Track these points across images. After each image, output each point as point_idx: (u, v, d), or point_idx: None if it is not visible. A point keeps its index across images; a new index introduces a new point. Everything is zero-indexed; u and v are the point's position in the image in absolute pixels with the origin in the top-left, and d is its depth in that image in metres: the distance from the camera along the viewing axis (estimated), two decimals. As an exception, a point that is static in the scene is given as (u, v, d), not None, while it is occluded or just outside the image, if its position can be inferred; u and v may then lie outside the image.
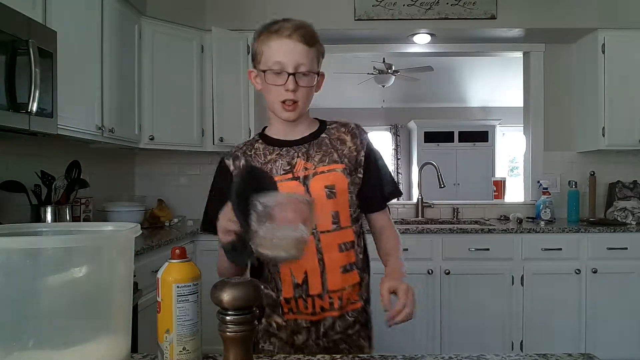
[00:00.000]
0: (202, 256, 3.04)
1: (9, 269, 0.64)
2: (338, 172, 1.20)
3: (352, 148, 1.25)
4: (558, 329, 3.01)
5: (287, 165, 1.20)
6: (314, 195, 1.17)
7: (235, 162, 1.26)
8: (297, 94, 1.16)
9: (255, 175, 1.03)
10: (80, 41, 2.35)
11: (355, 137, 1.26)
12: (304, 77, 1.16)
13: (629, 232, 3.06)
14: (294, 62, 1.14)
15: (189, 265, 0.79)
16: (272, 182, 1.07)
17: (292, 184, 1.18)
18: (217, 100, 3.19)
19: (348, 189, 1.20)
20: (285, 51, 1.14)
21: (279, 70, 1.14)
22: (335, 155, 1.22)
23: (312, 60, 1.17)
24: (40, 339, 0.65)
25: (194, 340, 0.77)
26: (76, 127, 2.28)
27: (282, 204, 0.92)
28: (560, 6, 3.37)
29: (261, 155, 1.24)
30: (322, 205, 1.16)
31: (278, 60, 1.14)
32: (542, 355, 0.85)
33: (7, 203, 2.25)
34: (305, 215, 0.93)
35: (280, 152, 1.22)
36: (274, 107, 1.20)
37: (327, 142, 1.24)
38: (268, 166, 1.21)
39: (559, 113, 3.75)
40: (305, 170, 1.19)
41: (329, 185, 1.18)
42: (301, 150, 1.22)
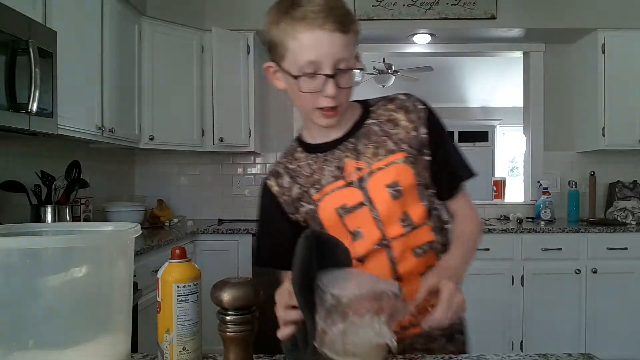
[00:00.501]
0: (202, 256, 3.04)
1: (9, 269, 0.64)
2: (399, 164, 0.98)
3: (410, 127, 1.00)
4: (558, 329, 3.01)
5: (336, 171, 1.00)
6: (377, 199, 0.97)
7: (278, 181, 1.07)
8: (338, 97, 0.92)
9: (323, 245, 0.80)
10: (80, 41, 2.35)
11: (409, 111, 1.01)
12: (345, 74, 0.91)
13: (629, 232, 3.06)
14: (332, 60, 0.89)
15: (189, 265, 0.78)
16: (347, 254, 0.85)
17: (347, 192, 0.99)
18: (217, 100, 3.19)
19: (416, 180, 0.99)
20: (320, 46, 0.88)
21: (312, 72, 0.90)
22: (390, 143, 0.99)
23: (352, 50, 0.92)
24: (40, 339, 0.65)
25: (194, 340, 0.77)
26: (76, 127, 2.28)
27: (361, 298, 0.70)
28: (560, 6, 3.37)
29: (305, 167, 1.04)
30: (389, 211, 0.97)
31: (311, 59, 0.89)
32: (542, 355, 0.85)
33: (7, 203, 2.25)
34: (392, 311, 0.71)
35: (325, 157, 1.02)
36: (308, 114, 0.98)
37: (375, 130, 1.01)
38: (314, 177, 1.02)
39: (559, 113, 3.75)
40: (359, 171, 0.99)
41: (392, 183, 0.97)
42: (348, 148, 1.00)
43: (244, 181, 3.80)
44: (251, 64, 3.37)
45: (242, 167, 3.81)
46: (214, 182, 3.79)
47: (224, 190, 3.79)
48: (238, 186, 3.79)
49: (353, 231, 0.99)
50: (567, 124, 3.73)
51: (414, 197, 0.99)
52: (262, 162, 3.82)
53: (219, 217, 3.72)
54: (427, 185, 1.02)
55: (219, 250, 3.07)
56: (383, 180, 0.97)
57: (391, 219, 0.98)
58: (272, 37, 0.93)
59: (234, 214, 3.74)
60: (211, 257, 3.03)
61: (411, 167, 0.99)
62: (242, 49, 3.35)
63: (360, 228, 0.99)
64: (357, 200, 0.98)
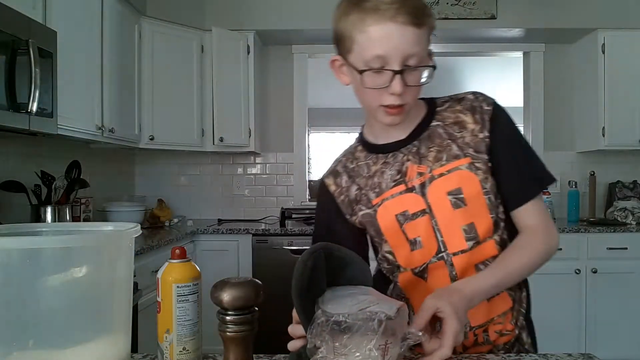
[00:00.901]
0: (202, 256, 3.04)
1: (9, 269, 0.64)
2: (463, 170, 0.91)
3: (476, 129, 0.93)
4: (558, 329, 3.01)
5: (397, 175, 0.95)
6: (436, 207, 0.91)
7: (336, 180, 1.03)
8: (405, 95, 0.86)
9: (336, 261, 0.78)
10: (80, 41, 2.35)
11: (477, 111, 0.94)
12: (414, 72, 0.86)
13: (629, 232, 3.06)
14: (401, 55, 0.83)
15: (189, 265, 0.78)
16: (364, 272, 0.80)
17: (409, 198, 0.93)
18: (217, 100, 3.19)
19: (482, 188, 0.91)
20: (389, 40, 0.83)
21: (379, 67, 0.85)
22: (455, 148, 0.92)
23: (425, 46, 0.87)
24: (40, 339, 0.65)
25: (194, 340, 0.77)
26: (76, 127, 2.28)
27: (349, 317, 0.67)
28: (560, 6, 3.37)
29: (364, 167, 0.99)
30: (450, 221, 0.91)
31: (379, 53, 0.83)
32: (542, 355, 0.85)
33: (7, 203, 2.25)
34: (387, 333, 0.68)
35: (386, 159, 0.97)
36: (371, 111, 0.93)
37: (440, 132, 0.95)
38: (374, 180, 0.97)
39: (559, 113, 3.75)
40: (420, 177, 0.92)
41: (453, 191, 0.91)
42: (411, 151, 0.95)
43: (244, 181, 3.80)
44: (251, 64, 3.37)
45: (242, 167, 3.81)
46: (214, 182, 3.79)
47: (224, 190, 3.79)
48: (238, 186, 3.79)
49: (412, 240, 0.94)
50: (567, 124, 3.73)
51: (481, 207, 0.91)
52: (262, 162, 3.82)
53: (219, 217, 3.72)
54: (496, 194, 0.93)
55: (219, 250, 3.07)
56: (444, 187, 0.91)
57: (452, 230, 0.91)
58: (340, 29, 0.88)
59: (234, 214, 3.74)
60: (211, 257, 3.04)
61: (477, 175, 0.91)
62: (242, 49, 3.35)
63: (420, 236, 0.93)
64: (418, 208, 0.92)
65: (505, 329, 0.95)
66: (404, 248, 0.95)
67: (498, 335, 0.95)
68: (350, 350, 0.67)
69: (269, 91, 3.80)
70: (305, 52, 3.78)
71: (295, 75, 3.80)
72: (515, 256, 0.91)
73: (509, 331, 0.96)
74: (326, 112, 7.52)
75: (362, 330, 0.67)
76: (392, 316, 0.68)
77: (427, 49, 0.88)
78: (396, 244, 0.96)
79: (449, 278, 0.92)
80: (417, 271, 0.95)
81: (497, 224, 0.93)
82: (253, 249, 3.07)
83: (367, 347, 0.67)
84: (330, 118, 7.61)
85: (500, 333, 0.95)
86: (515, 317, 0.97)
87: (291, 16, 3.38)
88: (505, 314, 0.95)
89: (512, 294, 0.96)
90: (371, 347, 0.67)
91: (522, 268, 0.91)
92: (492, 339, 0.95)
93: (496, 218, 0.93)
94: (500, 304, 0.94)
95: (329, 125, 7.85)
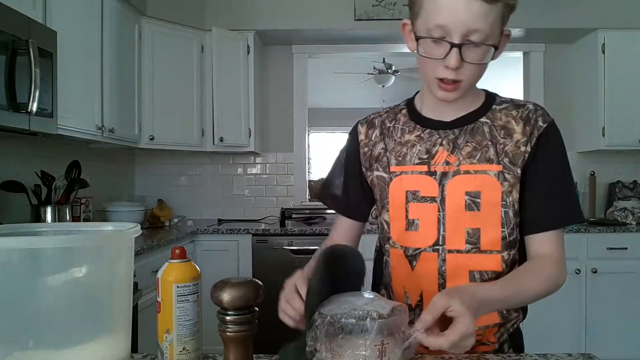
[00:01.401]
0: (202, 256, 3.04)
1: (9, 269, 0.64)
2: (490, 176, 0.89)
3: (521, 141, 0.89)
4: (558, 329, 3.01)
5: (425, 154, 0.93)
6: (449, 200, 0.90)
7: (368, 131, 1.02)
8: (461, 72, 0.84)
9: (340, 259, 0.79)
10: (80, 41, 2.35)
11: (529, 124, 0.90)
12: (475, 48, 0.82)
13: (629, 232, 3.06)
14: (463, 28, 0.80)
15: (189, 265, 0.78)
16: (359, 262, 0.81)
17: (426, 181, 0.92)
18: (217, 100, 3.19)
19: (502, 200, 0.89)
20: (454, 11, 0.80)
21: (439, 37, 0.82)
22: (492, 152, 0.90)
23: (493, 24, 0.81)
24: (40, 339, 0.65)
25: (194, 340, 0.77)
26: (76, 127, 2.28)
27: (342, 318, 0.68)
28: (560, 6, 3.37)
29: (398, 132, 0.98)
30: (457, 218, 0.90)
31: (441, 23, 0.81)
32: (542, 355, 0.85)
33: (7, 203, 2.25)
34: (383, 334, 0.68)
35: (422, 133, 0.95)
36: (427, 82, 0.90)
37: (484, 130, 0.91)
38: (403, 150, 0.95)
39: (559, 113, 3.70)
40: (446, 165, 0.91)
41: (472, 193, 0.89)
42: (448, 137, 0.92)
43: (244, 181, 3.80)
44: (251, 64, 3.37)
45: (242, 167, 3.81)
46: (214, 182, 3.79)
47: (224, 190, 3.79)
48: (238, 186, 3.79)
49: (410, 220, 0.94)
50: (567, 124, 3.73)
51: (494, 218, 0.89)
52: (262, 162, 3.82)
53: (219, 217, 3.72)
54: (515, 212, 0.90)
55: (219, 250, 3.07)
56: (465, 185, 0.89)
57: (456, 228, 0.90)
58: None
59: (234, 214, 3.74)
60: (211, 257, 3.03)
61: (502, 185, 0.89)
62: (242, 49, 3.35)
63: (419, 220, 0.93)
64: (431, 194, 0.91)
65: (488, 340, 0.94)
66: (400, 224, 0.96)
67: (477, 344, 0.92)
68: (346, 351, 0.68)
69: (269, 91, 3.80)
70: (305, 52, 3.78)
71: (295, 75, 3.80)
72: (528, 279, 0.88)
73: (491, 343, 0.94)
74: (326, 112, 7.53)
75: (356, 330, 0.67)
76: (385, 315, 0.68)
77: (498, 27, 0.83)
78: (395, 216, 0.97)
79: (437, 272, 0.91)
80: (409, 254, 0.95)
81: (508, 241, 0.90)
82: (253, 249, 3.07)
83: (362, 347, 0.67)
84: (330, 118, 7.62)
85: (480, 342, 0.93)
86: (501, 333, 0.95)
87: (291, 16, 3.38)
88: (488, 327, 0.93)
89: (505, 313, 0.94)
90: (366, 347, 0.67)
91: (532, 292, 0.88)
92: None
93: (507, 235, 0.90)
94: (485, 318, 0.88)
95: (329, 125, 7.86)
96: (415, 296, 0.94)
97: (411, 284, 0.94)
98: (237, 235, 3.08)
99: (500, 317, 0.93)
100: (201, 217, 3.71)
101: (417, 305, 0.93)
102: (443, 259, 0.91)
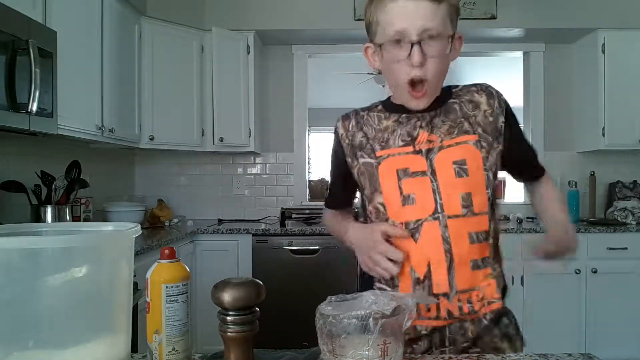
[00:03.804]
0: (202, 256, 3.04)
1: (9, 269, 0.64)
2: (470, 145, 0.99)
3: (488, 112, 1.01)
4: (558, 329, 3.01)
5: (407, 137, 1.01)
6: (440, 172, 0.97)
7: (344, 123, 1.10)
8: (426, 68, 0.93)
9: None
10: (80, 41, 2.35)
11: (492, 97, 1.03)
12: (433, 42, 0.92)
13: (629, 232, 3.06)
14: (418, 27, 0.91)
15: (178, 266, 0.78)
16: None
17: (413, 158, 0.99)
18: (217, 100, 3.19)
19: (483, 165, 0.99)
20: (406, 14, 0.91)
21: (399, 39, 0.93)
22: (466, 125, 1.00)
23: (443, 20, 0.93)
24: (40, 339, 0.65)
25: (183, 340, 0.77)
26: (76, 127, 2.28)
27: (344, 318, 0.69)
28: (560, 6, 3.37)
29: (375, 119, 1.05)
30: (451, 186, 0.97)
31: (397, 29, 0.92)
32: (542, 355, 0.85)
33: (7, 203, 2.25)
34: (386, 331, 0.69)
35: (399, 119, 1.03)
36: (399, 92, 1.00)
37: (455, 108, 1.02)
38: (384, 136, 1.03)
39: (559, 113, 3.74)
40: (429, 144, 0.99)
41: (459, 161, 0.97)
42: (425, 119, 1.01)
43: (244, 181, 3.80)
44: (251, 64, 3.37)
45: (242, 167, 3.81)
46: (214, 182, 3.79)
47: (224, 190, 3.79)
48: (238, 186, 3.79)
49: (405, 195, 0.99)
50: (567, 124, 3.73)
51: (480, 181, 0.98)
52: (262, 162, 3.82)
53: (219, 217, 3.72)
54: (494, 174, 1.01)
55: (219, 250, 3.07)
56: (451, 156, 0.98)
57: (451, 195, 0.97)
58: (367, 17, 0.99)
59: (234, 214, 3.74)
60: (211, 257, 3.03)
61: (481, 152, 0.99)
62: (242, 49, 3.35)
63: (415, 194, 0.98)
64: (420, 169, 0.98)
65: (492, 297, 0.99)
66: (396, 201, 1.00)
67: (484, 304, 0.98)
68: (348, 351, 0.68)
69: (269, 91, 3.80)
70: (305, 52, 3.78)
71: (295, 75, 3.80)
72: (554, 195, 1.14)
73: (496, 299, 1.00)
74: (326, 112, 7.51)
75: (359, 330, 0.67)
76: (388, 315, 0.68)
77: (449, 26, 0.95)
78: (390, 195, 1.00)
79: (441, 238, 0.96)
80: (410, 227, 0.98)
81: (491, 201, 1.00)
82: (253, 249, 3.07)
83: (364, 347, 0.67)
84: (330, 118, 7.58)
85: (488, 302, 0.98)
86: (497, 284, 1.01)
87: (291, 16, 3.38)
88: (487, 278, 0.99)
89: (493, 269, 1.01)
90: (369, 346, 0.67)
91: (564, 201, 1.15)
92: (476, 309, 0.98)
93: (490, 196, 1.00)
94: (482, 276, 0.98)
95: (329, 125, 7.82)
96: (423, 268, 0.97)
97: (417, 255, 0.97)
98: (237, 235, 3.08)
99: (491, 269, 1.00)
100: (201, 217, 3.71)
101: (426, 277, 0.96)
102: (445, 225, 0.96)
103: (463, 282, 0.96)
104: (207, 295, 0.74)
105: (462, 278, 0.96)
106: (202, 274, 2.94)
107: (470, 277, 0.96)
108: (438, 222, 0.96)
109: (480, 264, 0.97)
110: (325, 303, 0.75)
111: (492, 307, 0.99)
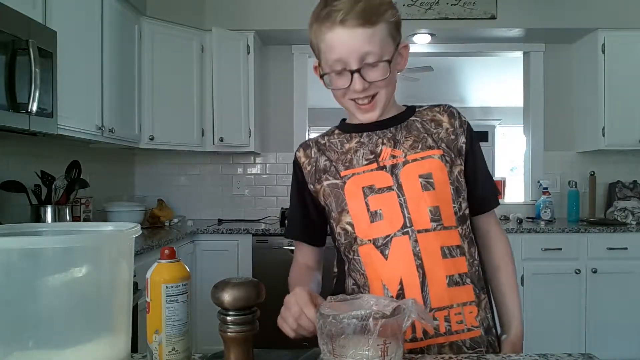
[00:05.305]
0: (202, 256, 3.04)
1: (9, 269, 0.64)
2: (434, 159, 0.98)
3: (450, 130, 1.02)
4: (558, 329, 3.01)
5: (370, 155, 0.99)
6: (406, 186, 0.95)
7: (306, 152, 1.08)
8: (371, 89, 0.94)
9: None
10: (80, 41, 2.35)
11: (454, 117, 1.04)
12: (374, 68, 0.92)
13: (629, 232, 3.06)
14: (356, 55, 0.90)
15: (179, 266, 0.78)
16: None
17: (378, 175, 0.97)
18: (217, 100, 3.19)
19: (449, 178, 0.98)
20: (342, 44, 0.90)
21: (340, 69, 0.92)
22: (430, 140, 1.00)
23: (382, 42, 0.91)
24: (40, 339, 0.65)
25: (183, 340, 0.77)
26: (76, 127, 2.28)
27: (343, 318, 0.69)
28: (560, 6, 3.37)
29: (337, 144, 1.04)
30: (418, 200, 0.95)
31: (336, 58, 0.91)
32: (542, 355, 0.85)
33: (7, 203, 2.25)
34: (385, 333, 0.69)
35: (361, 139, 1.01)
36: (348, 109, 1.01)
37: (417, 126, 1.02)
38: (347, 157, 1.01)
39: (559, 113, 3.75)
40: (393, 159, 0.98)
41: (424, 175, 0.96)
42: (386, 136, 1.00)
43: (244, 181, 3.80)
44: (251, 64, 3.37)
45: (242, 167, 3.81)
46: (214, 182, 3.79)
47: (224, 190, 3.79)
48: (238, 186, 3.79)
49: (373, 212, 0.96)
50: (567, 124, 3.73)
51: (447, 195, 0.97)
52: (262, 162, 3.82)
53: (219, 217, 3.72)
54: (459, 190, 0.99)
55: (219, 250, 3.07)
56: (417, 170, 0.96)
57: (419, 209, 0.94)
58: (310, 39, 0.99)
59: (234, 214, 3.74)
60: (211, 257, 3.03)
61: (446, 166, 0.98)
62: (242, 49, 3.35)
63: (382, 209, 0.96)
64: (386, 184, 0.96)
65: (472, 325, 0.95)
66: (364, 219, 0.97)
67: (463, 326, 0.94)
68: (348, 351, 0.68)
69: (269, 91, 3.80)
70: (305, 52, 3.78)
71: (295, 75, 3.80)
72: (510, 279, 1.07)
73: (475, 327, 0.95)
74: (326, 112, 7.51)
75: (359, 330, 0.67)
76: (388, 315, 0.68)
77: (390, 43, 0.93)
78: (357, 213, 0.98)
79: (412, 253, 0.93)
80: (379, 244, 0.95)
81: (459, 217, 0.98)
82: (253, 249, 3.07)
83: (364, 347, 0.67)
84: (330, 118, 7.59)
85: (467, 328, 0.94)
86: (482, 317, 0.97)
87: (291, 16, 3.38)
88: (465, 305, 0.94)
89: (477, 291, 0.97)
90: (369, 346, 0.67)
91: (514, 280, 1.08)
92: (454, 329, 0.93)
93: (457, 210, 0.98)
94: (461, 293, 0.94)
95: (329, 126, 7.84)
96: (395, 285, 0.93)
97: (388, 273, 0.94)
98: (237, 235, 3.08)
99: (474, 295, 0.97)
100: (201, 217, 3.71)
101: (399, 294, 0.93)
102: (415, 240, 0.93)
103: (438, 299, 0.92)
104: (207, 295, 0.74)
105: (437, 295, 0.92)
106: (202, 274, 2.94)
107: (447, 294, 0.92)
108: (408, 236, 0.93)
109: (458, 280, 0.94)
110: (325, 303, 0.75)
111: (470, 334, 0.95)
